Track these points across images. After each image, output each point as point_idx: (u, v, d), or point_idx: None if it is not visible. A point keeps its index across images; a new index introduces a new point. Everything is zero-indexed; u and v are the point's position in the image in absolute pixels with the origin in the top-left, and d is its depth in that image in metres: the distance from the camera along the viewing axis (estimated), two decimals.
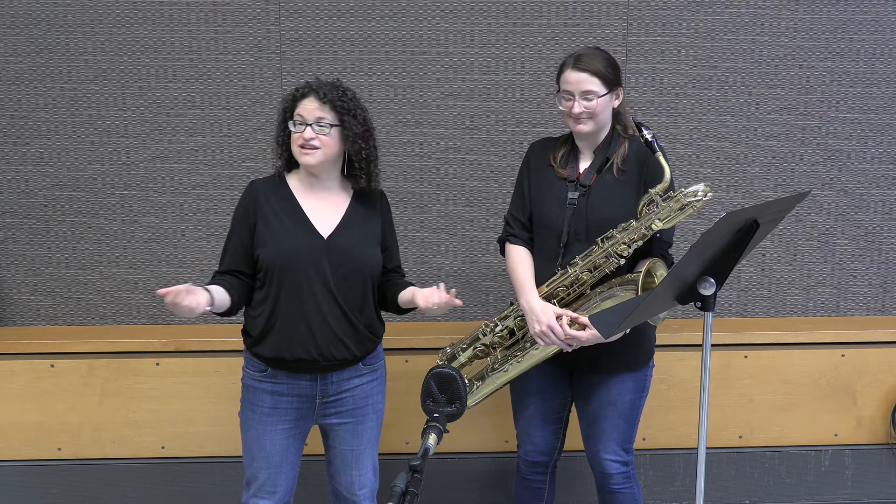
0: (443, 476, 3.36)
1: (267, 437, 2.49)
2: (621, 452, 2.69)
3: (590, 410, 2.69)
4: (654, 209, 2.45)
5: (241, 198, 2.52)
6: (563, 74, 2.56)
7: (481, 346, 2.70)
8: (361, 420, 2.56)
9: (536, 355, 2.61)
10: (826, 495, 3.50)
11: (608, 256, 2.48)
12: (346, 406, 2.54)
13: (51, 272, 3.42)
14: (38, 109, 3.34)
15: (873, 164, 3.52)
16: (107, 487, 3.34)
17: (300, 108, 2.40)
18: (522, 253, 2.67)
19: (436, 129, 3.41)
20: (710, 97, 3.44)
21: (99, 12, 3.30)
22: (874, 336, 3.41)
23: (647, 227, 2.45)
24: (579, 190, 2.57)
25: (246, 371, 2.54)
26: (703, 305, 2.15)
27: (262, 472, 2.51)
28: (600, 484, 2.76)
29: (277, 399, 2.49)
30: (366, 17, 3.34)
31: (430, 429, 1.90)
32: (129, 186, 3.39)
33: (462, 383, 2.00)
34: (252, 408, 2.51)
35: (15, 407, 3.26)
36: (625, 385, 2.64)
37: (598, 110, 2.51)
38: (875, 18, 3.43)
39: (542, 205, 2.63)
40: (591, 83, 2.50)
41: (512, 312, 2.67)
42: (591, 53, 2.55)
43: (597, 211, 2.54)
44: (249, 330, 2.52)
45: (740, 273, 3.51)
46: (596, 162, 2.59)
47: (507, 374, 2.66)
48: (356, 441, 2.57)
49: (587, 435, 2.73)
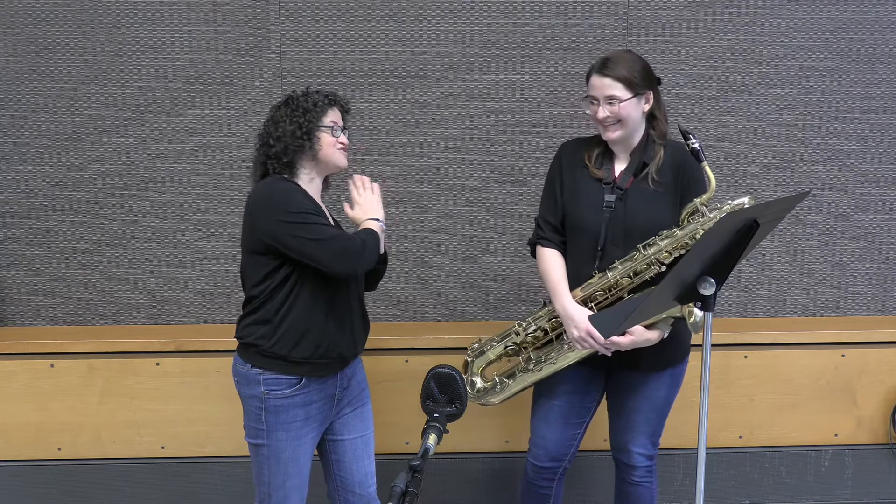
0: (443, 476, 3.36)
1: (301, 452, 2.46)
2: (649, 446, 2.69)
3: (624, 403, 2.67)
4: (698, 219, 2.44)
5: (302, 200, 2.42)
6: (590, 80, 2.54)
7: (512, 345, 2.69)
8: (366, 402, 2.65)
9: (571, 357, 2.59)
10: (826, 495, 3.50)
11: (650, 264, 2.47)
12: (355, 392, 2.60)
13: (51, 272, 3.42)
14: (38, 109, 3.34)
15: (873, 164, 3.52)
16: (107, 487, 3.34)
17: (333, 116, 2.51)
18: (555, 256, 2.64)
19: (436, 129, 3.41)
20: (710, 97, 3.44)
21: (99, 12, 3.30)
22: (874, 336, 3.41)
23: (692, 238, 2.43)
24: (616, 193, 2.54)
25: (271, 394, 2.42)
26: (703, 305, 2.14)
27: (294, 491, 2.47)
28: (623, 475, 2.75)
29: (308, 410, 2.45)
30: (366, 17, 3.34)
31: (430, 429, 1.90)
32: (129, 186, 3.39)
33: (462, 383, 2.00)
34: (286, 427, 2.43)
35: (15, 407, 3.26)
36: (663, 381, 2.63)
37: (623, 115, 2.48)
38: (875, 18, 3.43)
39: (577, 207, 2.59)
40: (614, 88, 2.47)
41: (546, 314, 2.64)
42: (618, 57, 2.51)
43: (635, 217, 2.51)
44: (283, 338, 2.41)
45: (740, 273, 3.51)
46: (632, 165, 2.55)
47: (539, 374, 2.64)
48: (363, 425, 2.62)
49: (616, 425, 2.72)
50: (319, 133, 2.46)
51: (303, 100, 2.49)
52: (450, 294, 3.49)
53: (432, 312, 3.49)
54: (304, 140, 2.44)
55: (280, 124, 2.46)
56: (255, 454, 2.48)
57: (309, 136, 2.45)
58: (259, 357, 2.42)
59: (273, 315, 2.41)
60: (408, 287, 3.47)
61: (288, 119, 2.46)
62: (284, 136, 2.44)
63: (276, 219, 2.34)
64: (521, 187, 3.43)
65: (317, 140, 2.46)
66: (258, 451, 2.47)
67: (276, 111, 2.50)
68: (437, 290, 3.48)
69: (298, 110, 2.47)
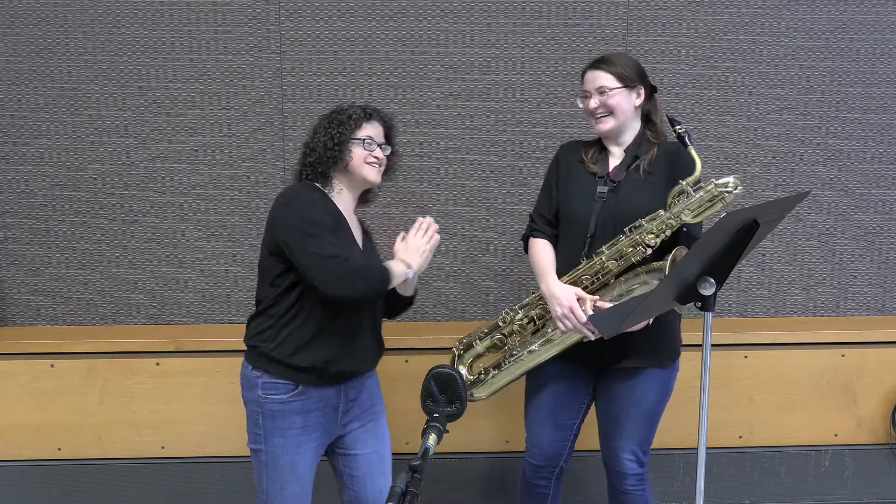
0: (443, 476, 3.36)
1: (300, 459, 2.44)
2: (639, 453, 2.67)
3: (612, 408, 2.66)
4: (683, 199, 2.44)
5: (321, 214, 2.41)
6: (584, 76, 2.61)
7: (500, 336, 2.68)
8: (378, 416, 2.59)
9: (555, 342, 2.57)
10: (826, 495, 3.50)
11: (635, 245, 2.47)
12: (364, 406, 2.54)
13: (51, 272, 3.42)
14: (38, 109, 3.34)
15: (873, 164, 3.52)
16: (107, 487, 3.34)
17: (371, 129, 2.50)
18: (545, 245, 2.67)
19: (436, 129, 3.41)
20: (710, 97, 3.44)
21: (99, 12, 3.30)
22: (874, 336, 3.41)
23: (677, 218, 2.43)
24: (608, 185, 2.56)
25: (268, 397, 2.41)
26: (703, 305, 2.15)
27: (293, 499, 2.45)
28: (614, 484, 2.73)
29: (307, 417, 2.43)
30: (366, 17, 3.35)
31: (430, 429, 1.90)
32: (129, 186, 3.39)
33: (462, 383, 2.00)
34: (283, 433, 2.42)
35: (15, 407, 3.26)
36: (650, 385, 2.61)
37: (612, 104, 2.52)
38: (875, 18, 3.43)
39: (569, 199, 2.62)
40: (605, 79, 2.53)
41: (534, 300, 2.64)
42: (611, 55, 2.60)
43: (625, 205, 2.53)
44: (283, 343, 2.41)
45: (740, 273, 3.51)
46: (626, 160, 2.58)
47: (523, 364, 2.63)
48: (377, 441, 2.57)
49: (606, 432, 2.69)
50: (351, 145, 2.45)
51: (342, 112, 2.50)
52: (450, 294, 3.49)
53: (432, 312, 3.49)
54: (335, 151, 2.44)
55: (317, 134, 2.48)
56: (255, 459, 2.48)
57: (340, 148, 2.44)
58: (260, 359, 2.42)
59: (278, 319, 2.40)
60: None
61: (324, 130, 2.48)
62: (318, 147, 2.46)
63: (290, 223, 2.35)
64: (521, 187, 3.43)
65: (348, 152, 2.45)
66: (257, 457, 2.46)
67: (319, 121, 2.52)
68: (437, 289, 3.48)
69: (335, 122, 2.48)
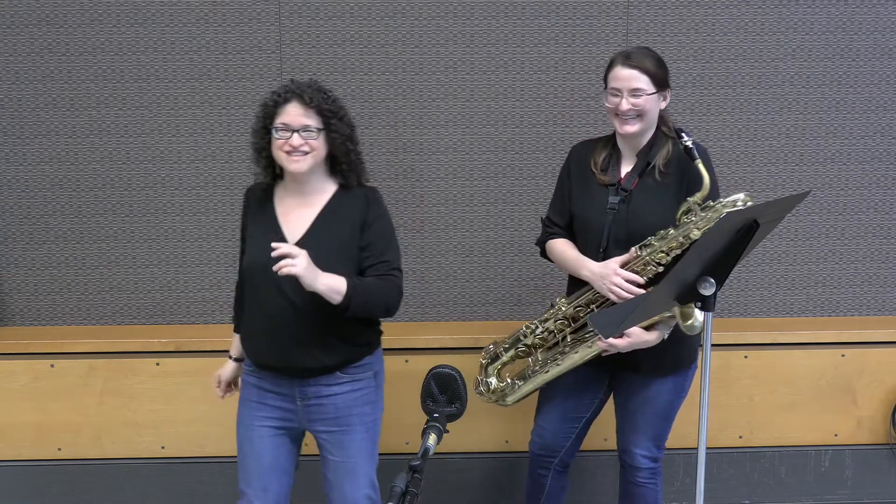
0: (443, 476, 3.36)
1: (256, 435, 2.47)
2: (653, 449, 2.70)
3: (628, 404, 2.69)
4: (692, 218, 2.43)
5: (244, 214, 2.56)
6: (613, 71, 2.51)
7: (523, 347, 2.71)
8: (348, 431, 2.46)
9: (575, 359, 2.61)
10: (826, 495, 3.50)
11: (646, 265, 2.47)
12: (329, 414, 2.45)
13: (51, 272, 3.42)
14: (38, 109, 3.34)
15: (873, 164, 3.52)
16: (107, 487, 3.34)
17: (284, 116, 2.30)
18: (567, 242, 2.66)
19: (436, 129, 3.41)
20: (710, 97, 3.44)
21: (99, 12, 3.30)
22: (874, 336, 3.41)
23: (686, 237, 2.42)
24: (620, 195, 2.54)
25: (244, 368, 2.57)
26: (703, 305, 2.15)
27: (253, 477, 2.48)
28: (627, 476, 2.76)
29: (263, 394, 2.47)
30: (366, 17, 3.34)
31: (430, 429, 1.90)
32: (129, 186, 3.39)
33: (462, 383, 2.01)
34: (244, 402, 2.52)
35: (15, 407, 3.26)
36: (664, 386, 2.63)
37: (645, 109, 2.47)
38: (875, 18, 3.43)
39: (582, 208, 2.61)
40: (641, 80, 2.46)
41: (552, 315, 2.65)
42: (642, 52, 2.52)
43: (637, 219, 2.52)
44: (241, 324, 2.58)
45: (740, 273, 3.51)
46: (638, 166, 2.56)
47: (547, 375, 2.67)
48: (344, 453, 2.48)
49: (622, 426, 2.74)
50: (270, 135, 2.34)
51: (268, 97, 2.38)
52: (450, 294, 3.49)
53: (432, 312, 3.49)
54: (255, 143, 2.39)
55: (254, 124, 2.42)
56: None
57: (256, 139, 2.39)
58: None
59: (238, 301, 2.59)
60: (408, 287, 3.41)
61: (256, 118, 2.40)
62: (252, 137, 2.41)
63: None
64: (521, 187, 3.43)
65: (267, 143, 2.36)
66: None
67: None
68: (437, 290, 3.48)
69: (261, 109, 2.38)
